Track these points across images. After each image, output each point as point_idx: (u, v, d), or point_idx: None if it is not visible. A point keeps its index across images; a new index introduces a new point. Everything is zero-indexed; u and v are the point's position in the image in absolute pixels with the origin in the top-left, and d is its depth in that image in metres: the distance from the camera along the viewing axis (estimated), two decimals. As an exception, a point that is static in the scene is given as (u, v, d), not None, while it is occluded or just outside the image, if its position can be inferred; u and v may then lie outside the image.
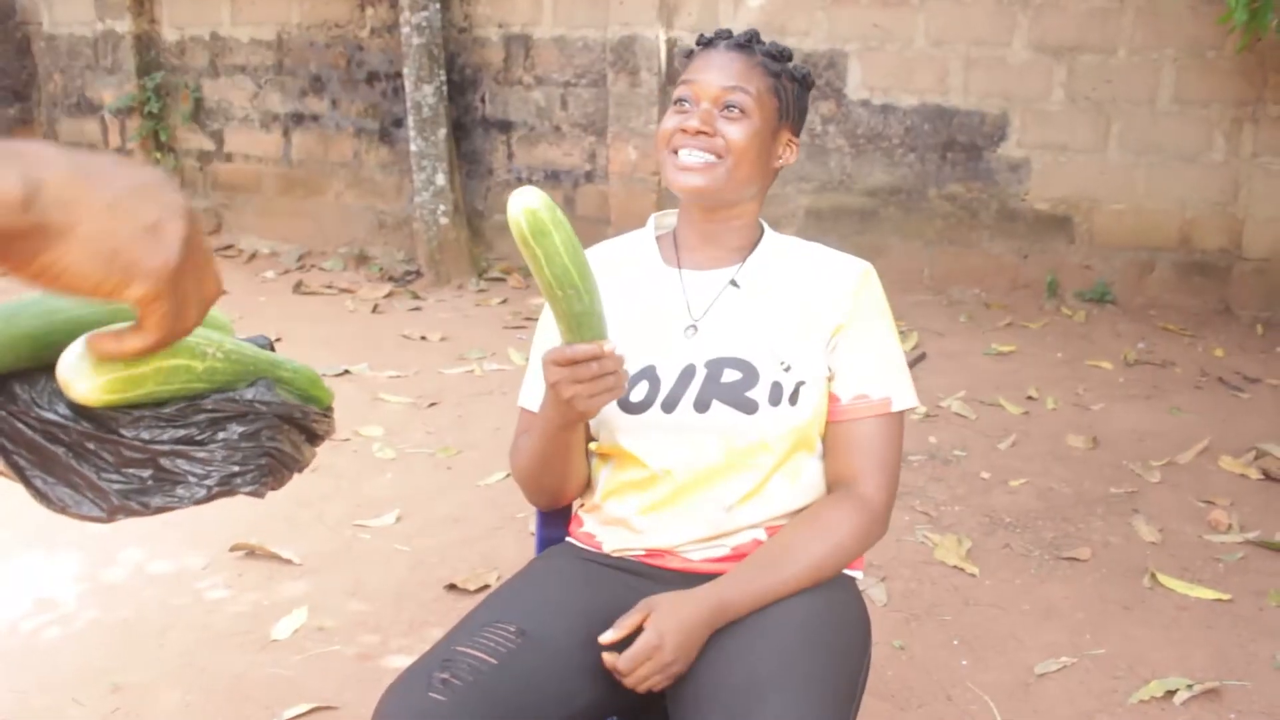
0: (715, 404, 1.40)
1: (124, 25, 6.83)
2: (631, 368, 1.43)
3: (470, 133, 6.23)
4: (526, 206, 1.12)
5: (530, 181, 6.16)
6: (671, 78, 5.70)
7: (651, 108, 5.67)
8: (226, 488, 0.86)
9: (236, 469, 0.86)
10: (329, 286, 5.93)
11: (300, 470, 0.91)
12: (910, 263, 5.54)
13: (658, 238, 1.55)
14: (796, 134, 1.49)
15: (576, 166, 6.08)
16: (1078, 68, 5.14)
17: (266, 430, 0.85)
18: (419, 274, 5.98)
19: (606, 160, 5.92)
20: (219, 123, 6.96)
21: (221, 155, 7.02)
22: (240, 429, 0.85)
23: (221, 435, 0.84)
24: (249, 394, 0.86)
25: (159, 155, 7.02)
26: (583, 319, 1.22)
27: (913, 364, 4.39)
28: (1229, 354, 4.60)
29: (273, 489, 0.88)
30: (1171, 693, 2.26)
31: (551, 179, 6.14)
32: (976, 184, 5.40)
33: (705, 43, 1.49)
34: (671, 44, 5.69)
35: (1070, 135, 5.22)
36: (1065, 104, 5.19)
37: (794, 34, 5.50)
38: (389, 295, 5.70)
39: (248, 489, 0.87)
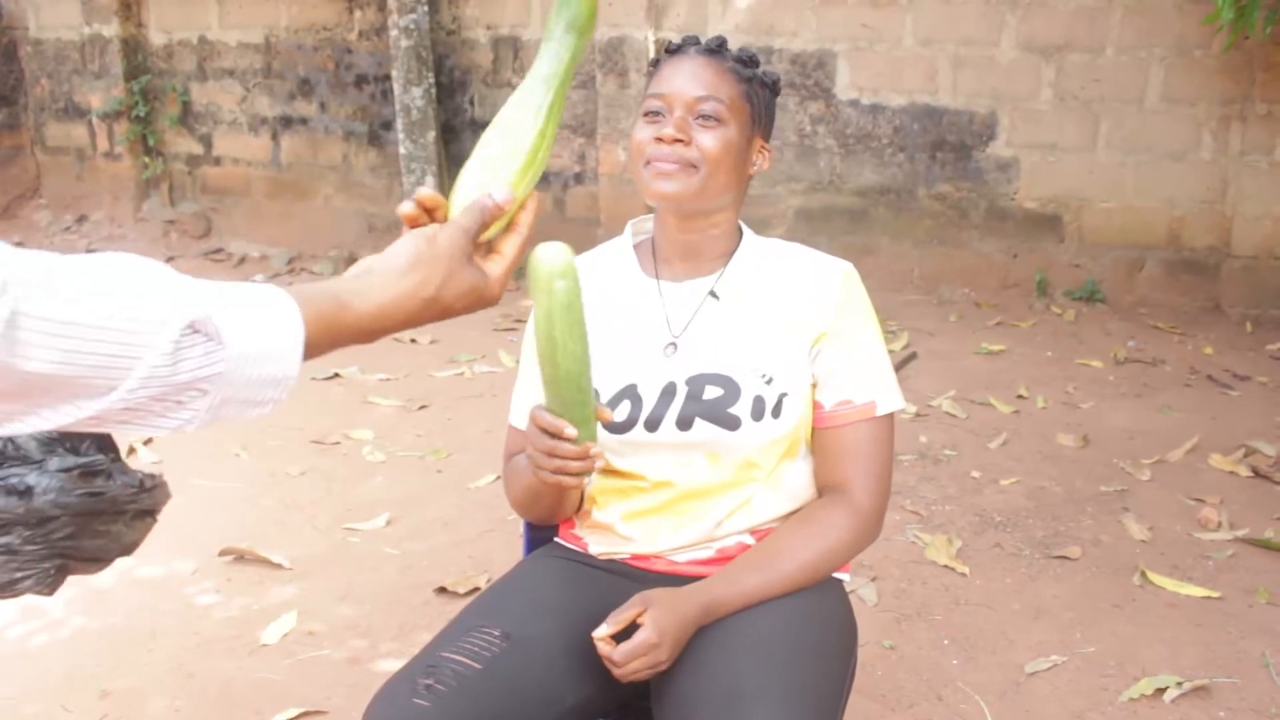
0: (698, 421, 1.39)
1: (111, 29, 6.81)
2: (613, 386, 1.43)
3: (459, 135, 6.22)
4: (537, 257, 1.16)
5: (520, 183, 6.15)
6: (661, 79, 5.69)
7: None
8: (9, 592, 0.84)
9: (19, 574, 0.83)
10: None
11: (127, 552, 0.92)
12: (900, 262, 5.55)
13: (636, 245, 1.53)
14: (767, 139, 1.48)
15: (566, 168, 6.08)
16: (1066, 67, 5.15)
17: (59, 531, 0.82)
18: (409, 277, 5.96)
19: (596, 161, 5.92)
20: (207, 126, 6.95)
21: (210, 159, 7.00)
22: (25, 533, 0.81)
23: (3, 540, 0.81)
24: (41, 495, 0.83)
25: (147, 160, 7.00)
26: (550, 386, 1.21)
27: (903, 364, 4.39)
28: (1218, 352, 4.61)
29: (91, 573, 0.88)
30: (1161, 691, 2.26)
31: (541, 181, 6.12)
32: (966, 183, 5.41)
33: (673, 50, 1.45)
34: (660, 45, 5.68)
35: (1059, 134, 5.23)
36: (1054, 103, 5.21)
37: (782, 34, 5.50)
38: (379, 298, 5.67)
39: (35, 591, 0.84)
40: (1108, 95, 5.13)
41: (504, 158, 1.02)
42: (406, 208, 1.01)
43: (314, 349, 0.86)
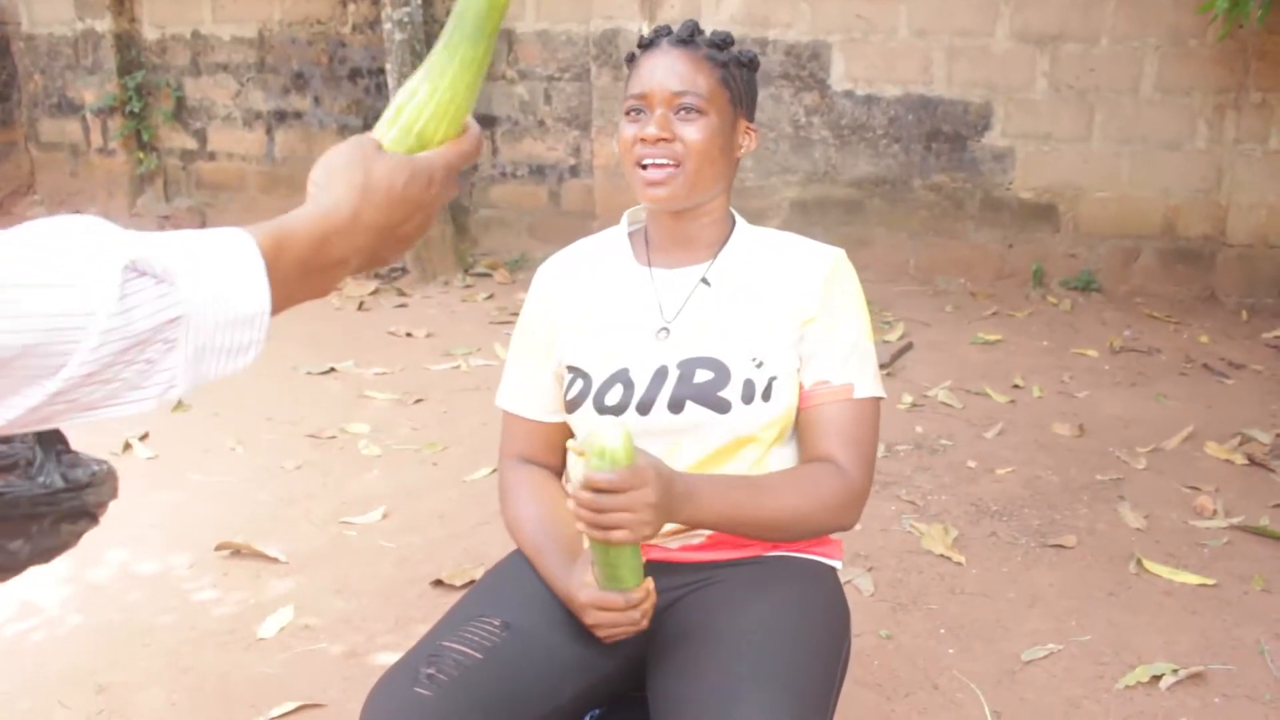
0: (689, 404, 1.39)
1: (104, 24, 6.79)
2: (606, 371, 1.43)
3: (454, 128, 6.20)
4: (606, 439, 1.17)
5: (515, 176, 6.15)
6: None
7: (635, 101, 5.66)
8: None
9: None
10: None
11: (44, 559, 0.79)
12: (896, 253, 5.55)
13: (630, 234, 1.54)
14: (752, 119, 1.48)
15: (561, 161, 6.07)
16: (1061, 57, 5.15)
17: None
18: (405, 271, 5.96)
19: (591, 154, 5.91)
20: (201, 121, 6.93)
21: (205, 154, 6.99)
22: None
23: None
24: None
25: (141, 155, 6.99)
26: (606, 569, 1.26)
27: (899, 354, 4.39)
28: (1214, 340, 4.61)
29: None
30: (1157, 678, 2.26)
31: (536, 174, 6.13)
32: (961, 174, 5.41)
33: (646, 44, 1.45)
34: (655, 37, 5.67)
35: (1054, 124, 5.23)
36: (1049, 93, 5.20)
37: (777, 25, 5.50)
38: (374, 292, 5.68)
39: None
40: (1102, 85, 5.13)
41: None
42: None
43: (279, 272, 0.79)
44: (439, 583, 2.69)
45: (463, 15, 0.96)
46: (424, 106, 0.95)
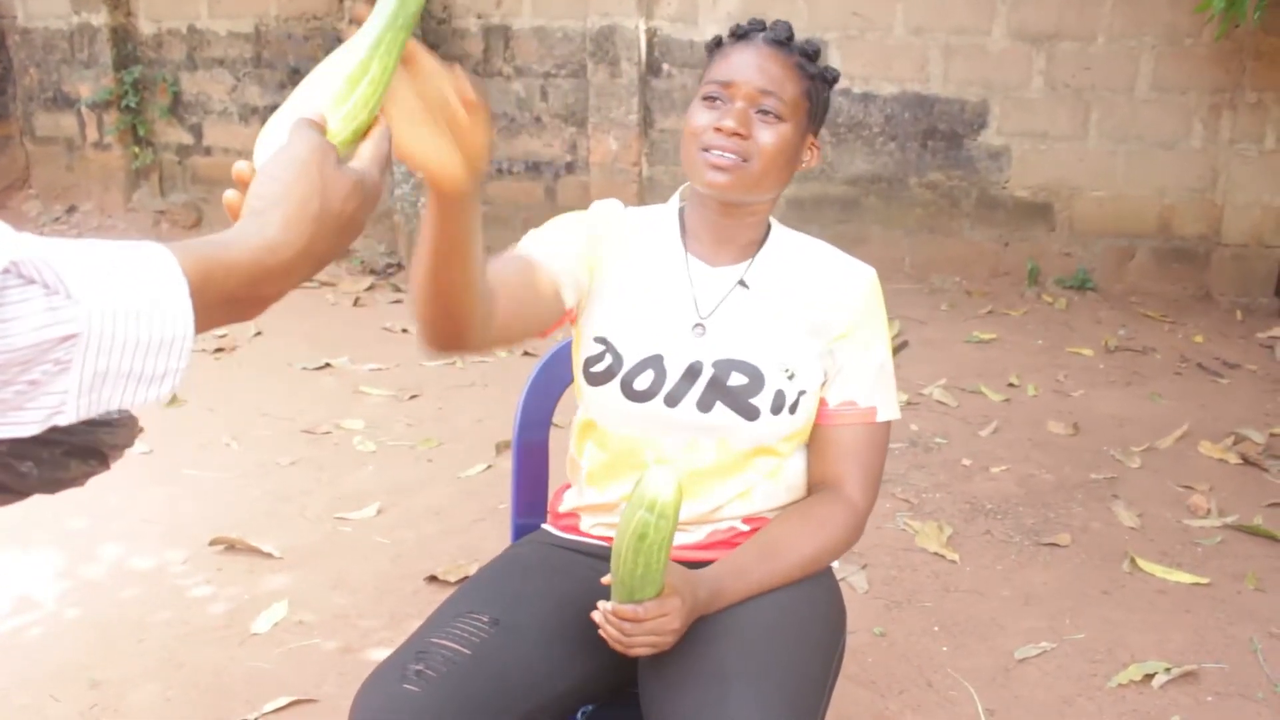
0: (719, 406, 1.39)
1: (100, 18, 6.77)
2: (639, 353, 1.41)
3: (450, 124, 6.19)
4: (659, 490, 1.15)
5: (511, 173, 6.15)
6: (652, 67, 5.69)
7: (632, 98, 5.66)
8: None
9: None
10: (309, 280, 5.88)
11: (48, 490, 0.75)
12: (891, 251, 5.55)
13: (680, 212, 1.50)
14: (818, 135, 1.46)
15: (557, 158, 6.06)
16: (1057, 55, 5.15)
17: None
18: (400, 266, 5.95)
19: (587, 151, 5.90)
20: (197, 116, 6.91)
21: (200, 149, 6.97)
22: None
23: None
24: None
25: (137, 150, 6.97)
26: (623, 583, 1.23)
27: (895, 352, 4.39)
28: (1208, 340, 4.62)
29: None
30: (1150, 676, 2.27)
31: (532, 170, 6.13)
32: (957, 172, 5.41)
33: (740, 35, 1.42)
34: (651, 34, 5.67)
35: (1050, 123, 5.23)
36: (1045, 92, 5.21)
37: (774, 23, 5.49)
38: (370, 288, 5.67)
39: None
40: (1098, 84, 5.13)
41: (321, 88, 0.89)
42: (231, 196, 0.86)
43: (202, 300, 0.69)
44: (433, 579, 2.69)
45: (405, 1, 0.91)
46: (376, 87, 0.88)
